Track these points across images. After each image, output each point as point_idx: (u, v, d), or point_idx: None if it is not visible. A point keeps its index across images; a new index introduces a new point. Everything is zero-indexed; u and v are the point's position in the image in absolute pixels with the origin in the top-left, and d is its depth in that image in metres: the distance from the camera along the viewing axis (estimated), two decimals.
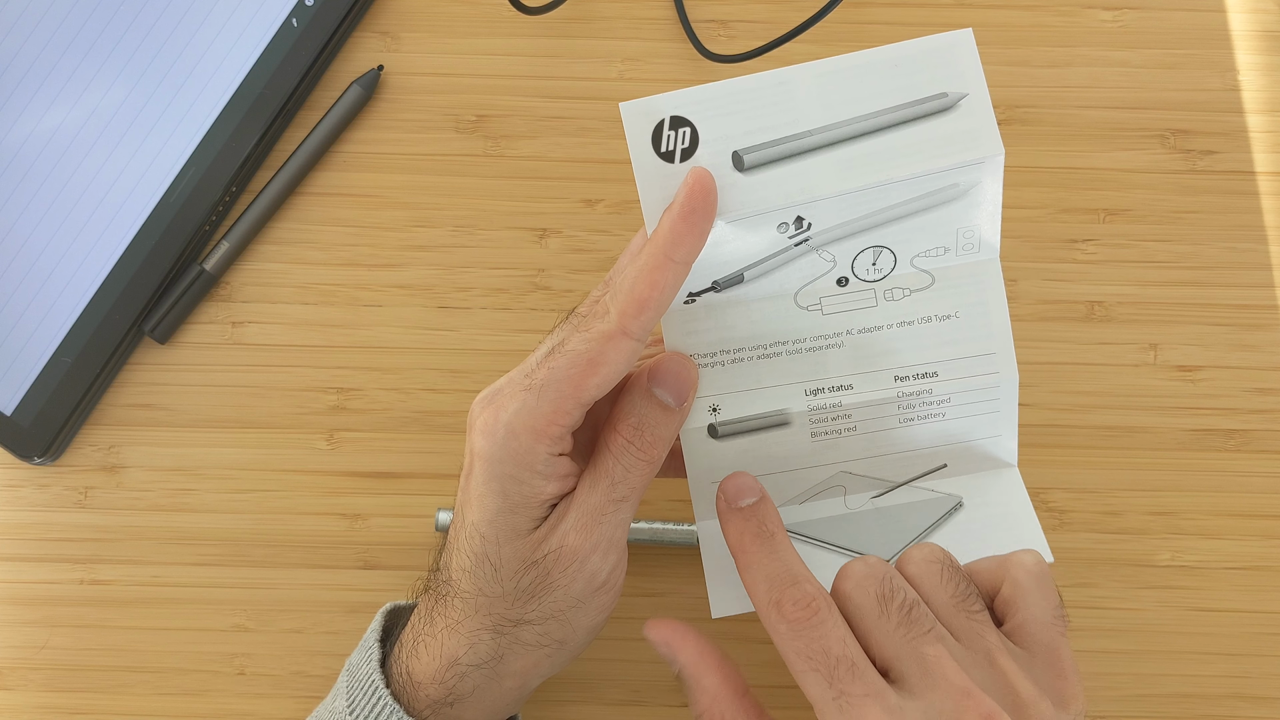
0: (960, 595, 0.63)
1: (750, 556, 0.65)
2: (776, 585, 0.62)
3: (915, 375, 0.68)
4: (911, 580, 0.63)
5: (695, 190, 0.61)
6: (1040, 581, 0.64)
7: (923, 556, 0.64)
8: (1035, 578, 0.64)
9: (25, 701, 0.81)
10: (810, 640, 0.60)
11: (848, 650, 0.60)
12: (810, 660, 0.60)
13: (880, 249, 0.66)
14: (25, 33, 0.84)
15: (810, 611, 0.61)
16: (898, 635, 0.60)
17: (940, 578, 0.63)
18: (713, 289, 0.66)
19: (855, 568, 0.62)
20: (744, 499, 0.67)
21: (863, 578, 0.62)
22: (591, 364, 0.61)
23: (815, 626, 0.60)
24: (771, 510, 0.66)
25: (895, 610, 0.61)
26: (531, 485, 0.63)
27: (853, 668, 0.59)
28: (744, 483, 0.67)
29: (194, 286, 0.83)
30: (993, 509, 0.68)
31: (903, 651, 0.60)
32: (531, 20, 0.86)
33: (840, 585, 0.63)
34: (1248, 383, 0.83)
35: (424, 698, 0.67)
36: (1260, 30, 0.86)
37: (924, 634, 0.60)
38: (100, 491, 0.83)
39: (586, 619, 0.67)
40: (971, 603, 0.63)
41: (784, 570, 0.63)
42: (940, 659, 0.59)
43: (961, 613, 0.62)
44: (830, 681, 0.59)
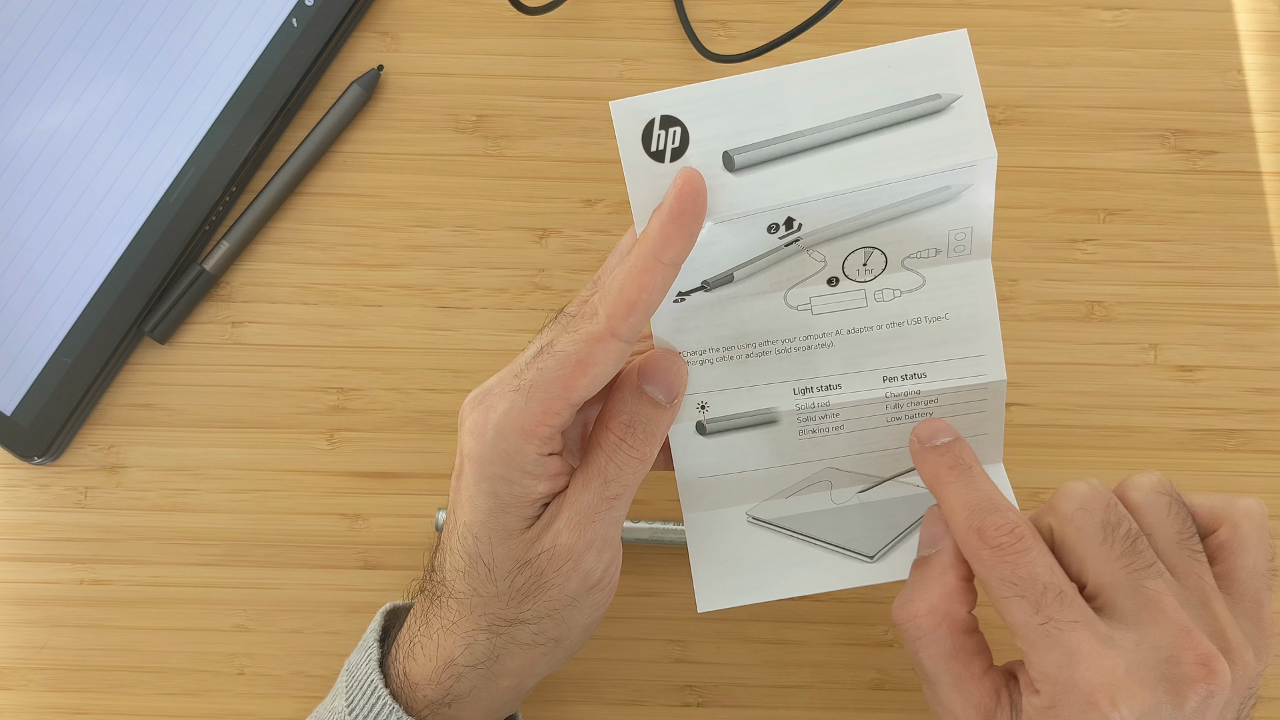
0: (1185, 532, 0.63)
1: (948, 486, 0.65)
2: (978, 512, 0.63)
3: (904, 376, 0.68)
4: (1136, 508, 0.63)
5: (685, 191, 0.61)
6: (1261, 531, 0.64)
7: (1151, 486, 0.64)
8: (1257, 526, 0.64)
9: (25, 701, 0.82)
10: (1016, 566, 0.60)
11: (1055, 577, 0.60)
12: (1015, 586, 0.60)
13: (871, 250, 0.66)
14: (25, 33, 0.84)
15: (1015, 537, 0.61)
16: (1119, 564, 0.60)
17: (1167, 511, 0.63)
18: (702, 288, 0.66)
19: (1079, 489, 0.63)
20: (939, 438, 0.67)
21: (1087, 500, 0.62)
22: (580, 365, 0.61)
23: (1021, 553, 0.61)
24: (966, 447, 0.67)
25: (1120, 539, 0.61)
26: (522, 485, 0.63)
27: (1061, 595, 0.59)
28: (938, 425, 0.68)
29: (194, 286, 0.83)
30: None
31: (1121, 581, 0.60)
32: (531, 20, 0.86)
33: (1062, 505, 0.63)
34: (1247, 383, 0.83)
35: (422, 698, 0.67)
36: (1261, 30, 0.86)
37: (1146, 567, 0.60)
38: (100, 491, 0.83)
39: (582, 617, 0.67)
40: (1194, 541, 0.63)
41: (985, 498, 0.63)
42: (1160, 594, 0.59)
43: (1183, 550, 0.62)
44: (1037, 607, 0.59)
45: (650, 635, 0.82)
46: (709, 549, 0.71)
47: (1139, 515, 0.63)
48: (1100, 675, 0.57)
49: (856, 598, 0.82)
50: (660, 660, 0.82)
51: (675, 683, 0.81)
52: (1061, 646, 0.58)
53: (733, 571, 0.71)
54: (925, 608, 0.64)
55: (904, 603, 0.65)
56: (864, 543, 0.70)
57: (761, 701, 0.81)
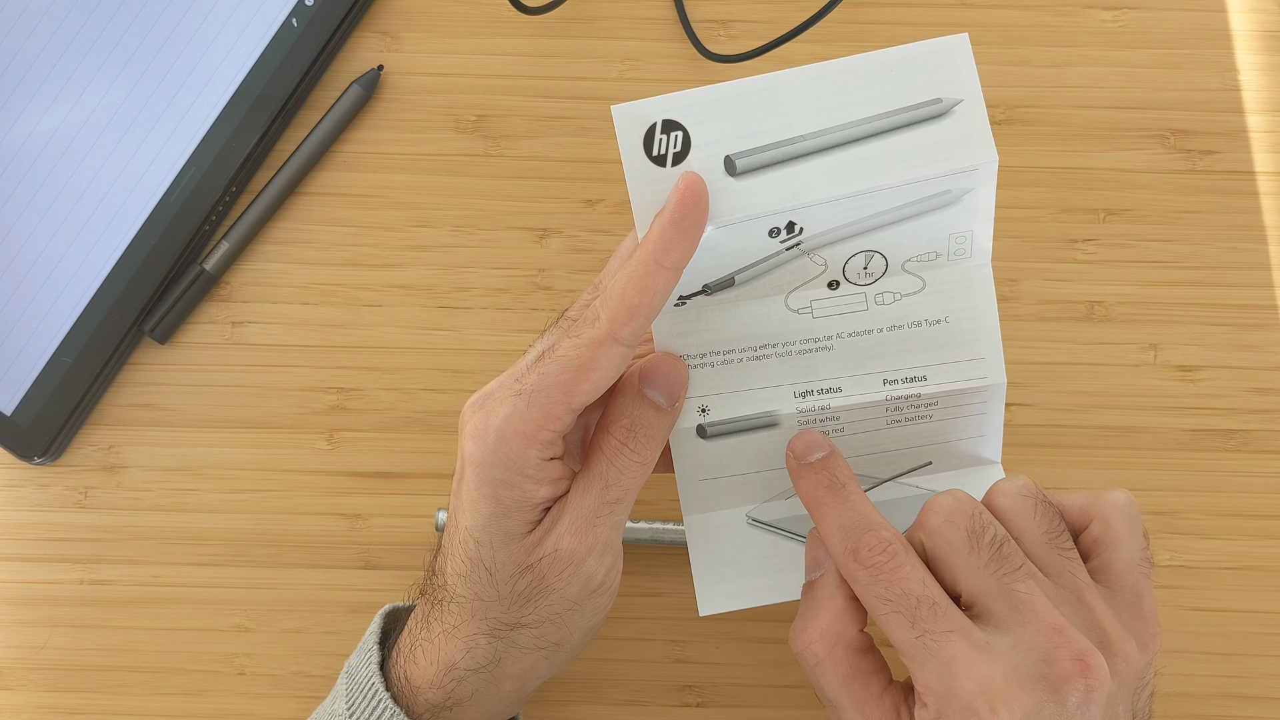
0: (1053, 532, 0.63)
1: (824, 508, 0.65)
2: (852, 533, 0.63)
3: (904, 379, 0.68)
4: (1002, 513, 0.64)
5: (686, 196, 0.61)
6: (1132, 523, 0.65)
7: (1016, 490, 0.64)
8: (1127, 518, 0.65)
9: (25, 701, 0.82)
10: (890, 584, 0.61)
11: (928, 590, 0.60)
12: (890, 603, 0.60)
13: (872, 253, 0.66)
14: (25, 33, 0.84)
15: (888, 555, 0.61)
16: (987, 571, 0.60)
17: (1033, 513, 0.63)
18: (703, 292, 0.66)
19: (943, 501, 0.63)
20: (813, 454, 0.67)
21: (952, 512, 0.62)
22: (582, 370, 0.61)
23: (894, 570, 0.61)
24: (841, 462, 0.67)
25: (986, 546, 0.61)
26: (523, 490, 0.63)
27: (934, 606, 0.60)
28: (812, 439, 0.67)
29: (194, 286, 0.83)
30: None
31: (992, 588, 0.60)
32: (531, 20, 0.86)
33: (928, 520, 0.63)
34: (1248, 383, 0.83)
35: (423, 702, 0.67)
36: (1260, 30, 0.86)
37: (1014, 570, 0.60)
38: (100, 491, 0.83)
39: (583, 621, 0.67)
40: (1063, 540, 0.63)
41: (858, 518, 0.64)
42: (1031, 595, 0.60)
43: (1053, 549, 0.63)
44: (913, 622, 0.59)
45: (651, 635, 0.82)
46: (709, 552, 0.71)
47: (1007, 520, 0.64)
48: (977, 683, 0.58)
49: None
50: (660, 660, 0.82)
51: (675, 683, 0.82)
52: (938, 658, 0.59)
53: (733, 574, 0.71)
54: (818, 633, 0.64)
55: (798, 631, 0.65)
56: None
57: (761, 701, 0.81)
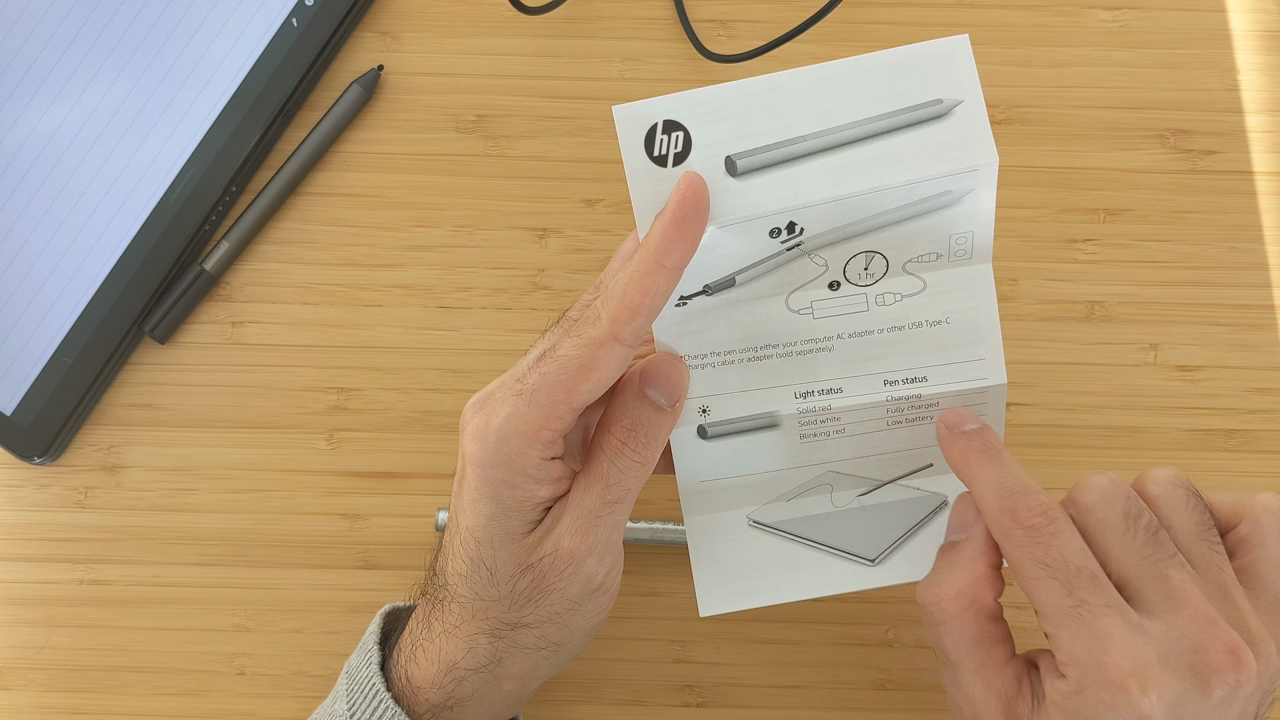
0: (1203, 525, 0.63)
1: (977, 469, 0.65)
2: (1010, 493, 0.62)
3: (905, 380, 0.68)
4: (1154, 501, 0.63)
5: (687, 196, 0.61)
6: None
7: (1168, 479, 0.64)
8: (1277, 521, 0.64)
9: (25, 701, 0.82)
10: (1048, 548, 0.60)
11: (1088, 561, 0.60)
12: (1047, 568, 0.60)
13: (872, 254, 0.66)
14: (25, 33, 0.84)
15: (1048, 519, 0.61)
16: (1141, 555, 0.60)
17: (1185, 504, 0.63)
18: (704, 293, 0.66)
19: (1099, 481, 0.63)
20: (967, 424, 0.67)
21: (1107, 492, 0.62)
22: (583, 369, 0.61)
23: (1054, 535, 0.60)
24: (993, 433, 0.66)
25: (1142, 529, 0.61)
26: (524, 490, 0.63)
27: (1094, 579, 0.59)
28: (963, 413, 0.68)
29: (194, 286, 0.83)
30: None
31: (1145, 571, 0.60)
32: (531, 20, 0.86)
33: (1082, 498, 0.63)
34: (1248, 383, 0.83)
35: (423, 702, 0.67)
36: (1260, 30, 0.86)
37: (1168, 557, 0.60)
38: (100, 491, 0.83)
39: (584, 621, 0.67)
40: (1212, 534, 0.63)
41: (1016, 480, 0.63)
42: (1185, 584, 0.59)
43: (1202, 541, 0.62)
44: (1070, 590, 0.59)
45: (651, 635, 0.82)
46: (710, 553, 0.71)
47: (1157, 508, 0.63)
48: (1131, 661, 0.57)
49: (858, 598, 0.82)
50: (661, 660, 0.82)
51: (675, 683, 0.82)
52: (1093, 630, 0.58)
53: (734, 575, 0.71)
54: (953, 592, 0.63)
55: (930, 585, 0.65)
56: (865, 546, 0.71)
57: (762, 702, 0.81)
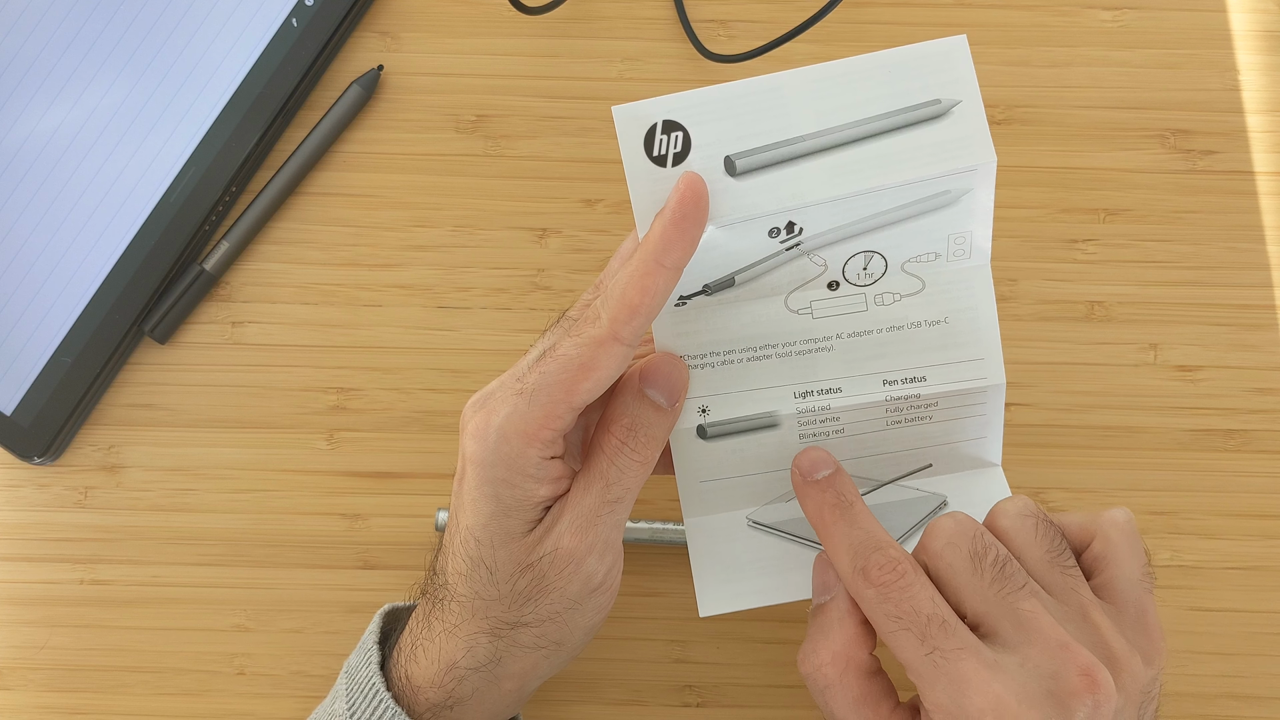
0: (1054, 550, 0.63)
1: (831, 527, 0.65)
2: (861, 552, 0.63)
3: (904, 379, 0.68)
4: (1004, 534, 0.64)
5: (687, 196, 0.61)
6: (1132, 539, 0.65)
7: (1016, 510, 0.65)
8: (1127, 535, 0.65)
9: (25, 701, 0.82)
10: (899, 602, 0.61)
11: (938, 608, 0.61)
12: (900, 620, 0.60)
13: (871, 254, 0.66)
14: (25, 33, 0.84)
15: (897, 574, 0.62)
16: (991, 592, 0.61)
17: (1034, 532, 0.64)
18: (704, 292, 0.66)
19: (945, 524, 0.63)
20: (819, 472, 0.67)
21: (954, 535, 0.62)
22: (583, 369, 0.62)
23: (903, 589, 0.61)
24: (847, 481, 0.67)
25: (989, 567, 0.61)
26: (524, 489, 0.63)
27: (944, 624, 0.60)
28: (818, 456, 0.68)
29: (194, 286, 0.83)
30: (977, 508, 0.68)
31: (996, 608, 0.60)
32: (531, 20, 0.86)
33: (930, 543, 0.63)
34: (1248, 383, 0.83)
35: (423, 701, 0.67)
36: (1260, 30, 0.86)
37: (1018, 589, 0.61)
38: (100, 491, 0.83)
39: (584, 620, 0.67)
40: (1065, 558, 0.64)
41: (866, 537, 0.64)
42: (1036, 614, 0.60)
43: (1055, 568, 0.63)
44: (923, 639, 0.60)
45: (651, 635, 0.82)
46: (710, 553, 0.71)
47: (1008, 539, 0.64)
48: (989, 700, 0.58)
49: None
50: (660, 660, 0.82)
51: (675, 683, 0.82)
52: (948, 675, 0.59)
53: (734, 576, 0.71)
54: (829, 656, 0.64)
55: (808, 654, 0.65)
56: None
57: (761, 701, 0.81)
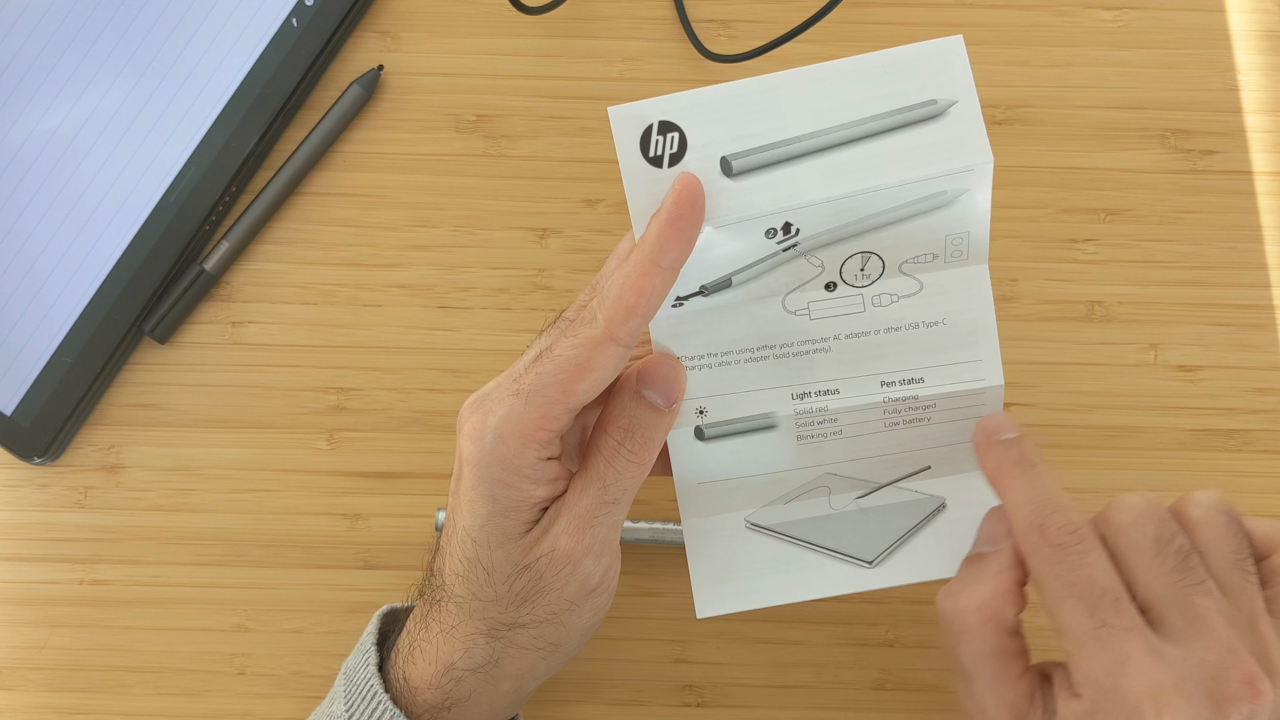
0: (1240, 553, 0.63)
1: (1011, 480, 0.65)
2: (1041, 509, 0.63)
3: (901, 381, 0.68)
4: (1194, 524, 0.63)
5: (683, 196, 0.61)
6: None
7: (1210, 503, 0.64)
8: None
9: (25, 701, 0.82)
10: (1074, 567, 0.60)
11: (1113, 583, 0.60)
12: (1072, 587, 0.60)
13: (869, 255, 0.66)
14: (25, 33, 0.84)
15: (1077, 538, 0.61)
16: (1170, 579, 0.60)
17: (1224, 530, 0.63)
18: (700, 293, 0.66)
19: (1134, 501, 0.63)
20: (1005, 433, 0.67)
21: (1141, 513, 0.62)
22: (579, 369, 0.61)
23: (1082, 554, 0.61)
24: (1032, 444, 0.67)
25: (1173, 554, 0.61)
26: (520, 489, 0.63)
27: (1117, 601, 0.60)
28: (1003, 420, 0.68)
29: (194, 286, 0.83)
30: (976, 510, 0.68)
31: (1171, 595, 0.60)
32: (531, 20, 0.86)
33: (1116, 516, 0.63)
34: (1248, 383, 0.83)
35: (422, 702, 0.67)
36: (1260, 30, 0.86)
37: (1196, 584, 0.60)
38: (100, 491, 0.83)
39: (581, 621, 0.67)
40: (1248, 563, 0.63)
41: (1048, 496, 0.63)
42: (1210, 612, 0.59)
43: (1236, 570, 0.62)
44: (1092, 611, 0.59)
45: (651, 635, 0.82)
46: (707, 555, 0.71)
47: (1195, 532, 0.63)
48: (1147, 684, 0.57)
49: (858, 598, 0.82)
50: (660, 660, 0.82)
51: (675, 683, 0.82)
52: (1112, 652, 0.58)
53: (731, 577, 0.71)
54: (976, 603, 0.64)
55: (953, 595, 0.65)
56: (863, 548, 0.70)
57: (762, 701, 0.81)
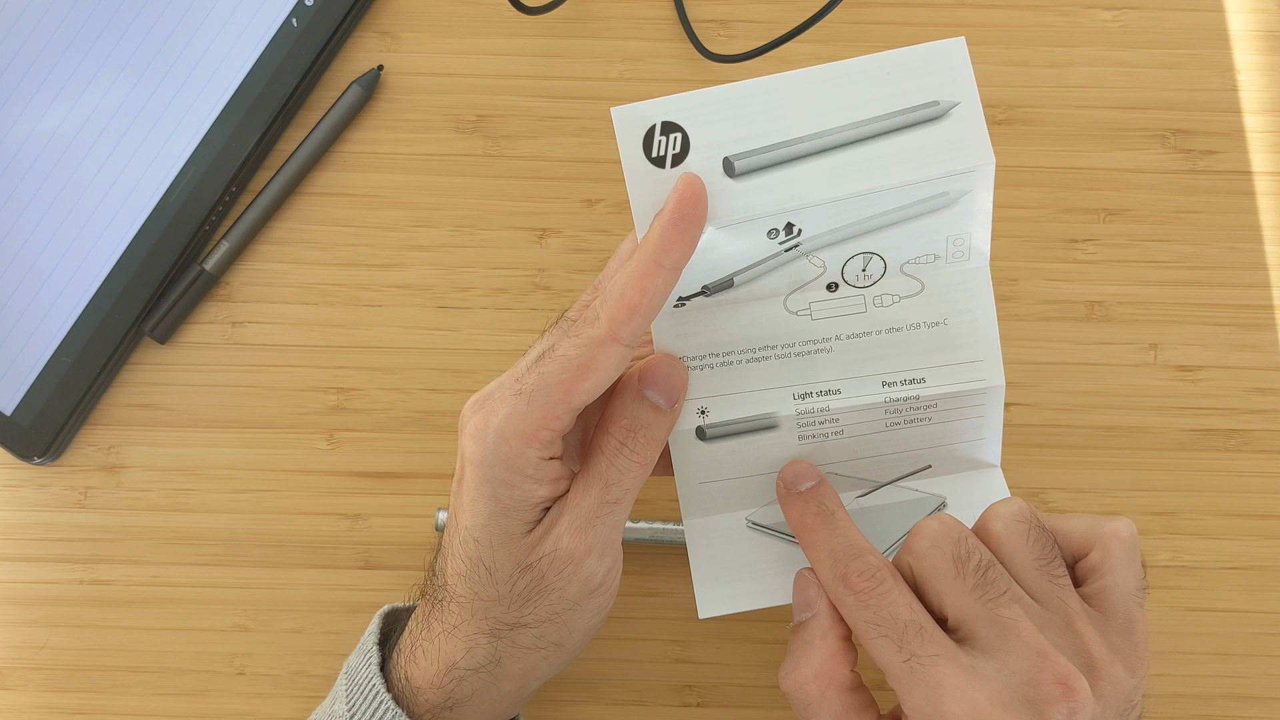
0: (1044, 558, 0.64)
1: (813, 535, 0.66)
2: (841, 559, 0.64)
3: (903, 381, 0.68)
4: (994, 538, 0.64)
5: (686, 197, 0.61)
6: (1131, 553, 0.65)
7: (1010, 514, 0.65)
8: (1127, 548, 0.65)
9: (25, 701, 0.82)
10: (878, 609, 0.61)
11: (915, 615, 0.61)
12: (879, 627, 0.61)
13: (870, 255, 0.66)
14: (25, 33, 0.84)
15: (875, 581, 0.62)
16: (973, 596, 0.61)
17: (1026, 538, 0.64)
18: (702, 293, 0.66)
19: (930, 526, 0.63)
20: (803, 484, 0.68)
21: (938, 537, 0.63)
22: (582, 369, 0.61)
23: (882, 595, 0.62)
24: (830, 492, 0.68)
25: (971, 571, 0.61)
26: (522, 489, 0.63)
27: (921, 630, 0.60)
28: (801, 469, 0.69)
29: (194, 286, 0.83)
30: (976, 509, 0.68)
31: (977, 613, 0.61)
32: (531, 20, 0.86)
33: (915, 544, 0.63)
34: (1248, 383, 0.83)
35: (423, 702, 0.67)
36: (1260, 30, 0.86)
37: (1000, 595, 0.61)
38: (100, 491, 0.83)
39: (583, 621, 0.67)
40: (1055, 566, 0.64)
41: (847, 544, 0.64)
42: (1016, 620, 0.60)
43: (1044, 575, 0.63)
44: (900, 646, 0.60)
45: (651, 635, 0.82)
46: (709, 554, 0.71)
47: (999, 544, 0.64)
48: (964, 706, 0.58)
49: None
50: (661, 660, 0.82)
51: (675, 683, 0.82)
52: (926, 681, 0.59)
53: (733, 577, 0.71)
54: (811, 673, 0.64)
55: (790, 671, 0.65)
56: None
57: (761, 701, 0.81)
